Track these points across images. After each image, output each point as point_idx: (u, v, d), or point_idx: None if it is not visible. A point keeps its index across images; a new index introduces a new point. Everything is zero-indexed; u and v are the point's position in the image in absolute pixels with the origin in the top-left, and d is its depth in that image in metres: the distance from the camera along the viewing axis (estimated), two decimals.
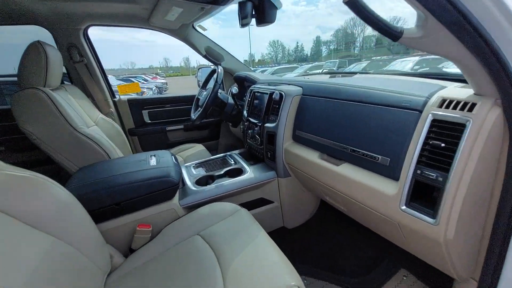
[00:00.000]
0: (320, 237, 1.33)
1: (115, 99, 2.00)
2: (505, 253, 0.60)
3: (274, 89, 1.25)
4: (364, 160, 0.81)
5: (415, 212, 0.64)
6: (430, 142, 0.62)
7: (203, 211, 1.02)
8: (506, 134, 0.56)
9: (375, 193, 0.75)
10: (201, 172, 1.33)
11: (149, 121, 2.13)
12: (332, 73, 1.58)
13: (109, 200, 0.93)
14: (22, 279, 0.51)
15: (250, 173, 1.24)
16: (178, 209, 1.06)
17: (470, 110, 0.58)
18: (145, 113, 2.11)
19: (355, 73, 1.44)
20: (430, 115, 0.64)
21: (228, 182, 1.17)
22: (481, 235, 0.67)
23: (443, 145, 0.60)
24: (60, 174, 1.28)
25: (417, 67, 8.84)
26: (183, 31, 1.83)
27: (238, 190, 1.17)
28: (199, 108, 1.63)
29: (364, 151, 0.80)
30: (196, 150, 1.88)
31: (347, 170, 0.86)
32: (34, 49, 1.20)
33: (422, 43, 0.53)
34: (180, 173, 1.12)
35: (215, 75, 1.55)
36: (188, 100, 2.17)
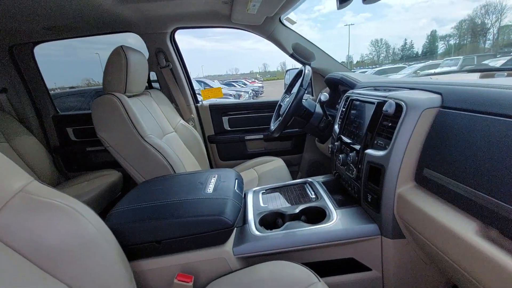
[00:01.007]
0: None
1: (197, 104, 1.95)
2: None
3: (385, 97, 0.81)
4: None
5: None
6: None
7: (262, 270, 0.72)
8: None
9: None
10: (270, 203, 1.02)
11: (229, 128, 2.00)
12: (485, 70, 0.98)
13: (150, 236, 0.74)
14: None
15: (336, 221, 0.84)
16: (230, 259, 0.78)
17: None
18: (225, 119, 1.98)
19: None
20: None
21: (303, 231, 0.81)
22: None
23: None
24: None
25: None
26: (268, 27, 1.58)
27: (316, 246, 0.80)
28: (280, 118, 1.35)
29: None
30: (274, 165, 1.62)
31: None
32: (116, 55, 1.18)
33: None
34: (240, 208, 0.84)
35: (301, 78, 1.24)
36: (271, 106, 1.92)
